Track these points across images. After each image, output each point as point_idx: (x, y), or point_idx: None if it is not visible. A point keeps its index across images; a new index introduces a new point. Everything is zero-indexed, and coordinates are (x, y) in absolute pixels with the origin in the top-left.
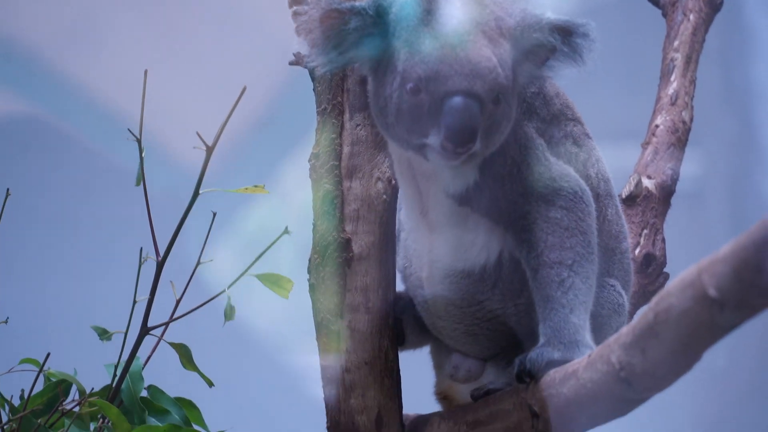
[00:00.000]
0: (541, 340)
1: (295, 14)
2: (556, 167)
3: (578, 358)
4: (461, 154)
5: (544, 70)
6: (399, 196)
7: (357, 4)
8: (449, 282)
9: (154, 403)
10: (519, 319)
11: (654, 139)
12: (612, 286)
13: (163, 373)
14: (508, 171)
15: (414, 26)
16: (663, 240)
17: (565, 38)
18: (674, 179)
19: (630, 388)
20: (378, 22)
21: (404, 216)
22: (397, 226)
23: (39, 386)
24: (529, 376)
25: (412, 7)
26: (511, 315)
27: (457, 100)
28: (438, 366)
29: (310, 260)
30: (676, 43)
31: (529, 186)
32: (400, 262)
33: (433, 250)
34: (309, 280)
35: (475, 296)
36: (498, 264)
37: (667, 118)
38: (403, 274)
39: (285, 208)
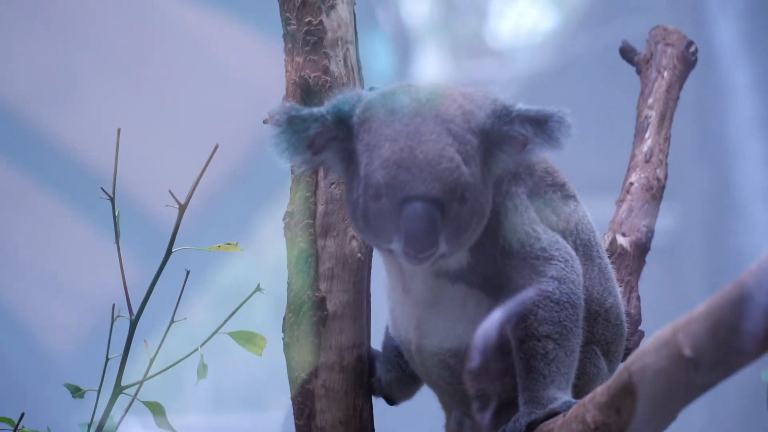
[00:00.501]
0: (521, 408)
1: (269, 119)
2: (545, 236)
3: (558, 410)
4: (424, 259)
5: (523, 156)
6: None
7: (316, 110)
8: (437, 360)
9: None
10: (510, 394)
11: (628, 197)
12: (593, 351)
13: None
14: (500, 248)
15: (375, 129)
16: (638, 298)
17: (538, 127)
18: (649, 237)
19: None
20: (338, 126)
21: (388, 288)
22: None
23: None
24: None
25: (374, 110)
26: (503, 391)
27: (415, 207)
28: (446, 409)
29: (284, 319)
30: (650, 101)
31: (522, 259)
32: (390, 327)
33: (419, 327)
34: (283, 338)
35: (464, 374)
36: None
37: (642, 175)
38: (395, 340)
39: (259, 265)
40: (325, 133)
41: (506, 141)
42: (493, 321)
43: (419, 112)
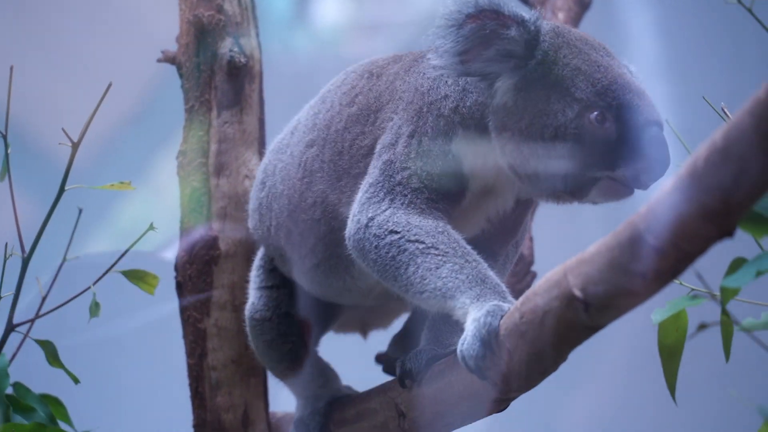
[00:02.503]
0: (422, 343)
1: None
2: None
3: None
4: (648, 186)
5: None
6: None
7: (523, 13)
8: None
9: (20, 400)
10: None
11: None
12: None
13: (29, 370)
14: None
15: (577, 55)
16: (531, 239)
17: None
18: None
19: (496, 387)
20: (537, 41)
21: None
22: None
23: None
24: (410, 378)
25: (566, 38)
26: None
27: (659, 131)
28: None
29: (177, 258)
30: None
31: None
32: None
33: None
34: (176, 277)
35: None
36: None
37: None
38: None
39: (156, 204)
40: (521, 43)
41: None
42: None
43: (603, 49)
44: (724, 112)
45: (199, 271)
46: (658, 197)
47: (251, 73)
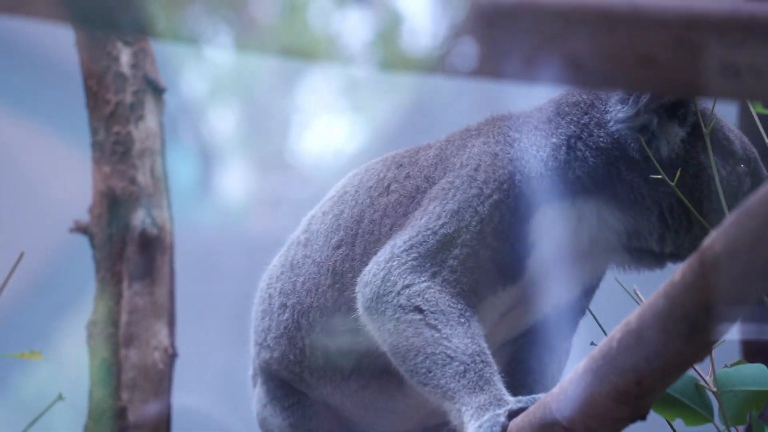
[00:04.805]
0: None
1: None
2: None
3: None
4: None
5: None
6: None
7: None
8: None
9: None
10: None
11: None
12: None
13: None
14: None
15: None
16: None
17: None
18: None
19: None
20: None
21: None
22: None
23: None
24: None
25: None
26: None
27: None
28: None
29: (85, 427)
30: None
31: None
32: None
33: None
34: None
35: None
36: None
37: None
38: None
39: (61, 374)
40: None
41: None
42: None
43: None
44: (636, 295)
45: None
46: (570, 377)
47: (163, 245)
